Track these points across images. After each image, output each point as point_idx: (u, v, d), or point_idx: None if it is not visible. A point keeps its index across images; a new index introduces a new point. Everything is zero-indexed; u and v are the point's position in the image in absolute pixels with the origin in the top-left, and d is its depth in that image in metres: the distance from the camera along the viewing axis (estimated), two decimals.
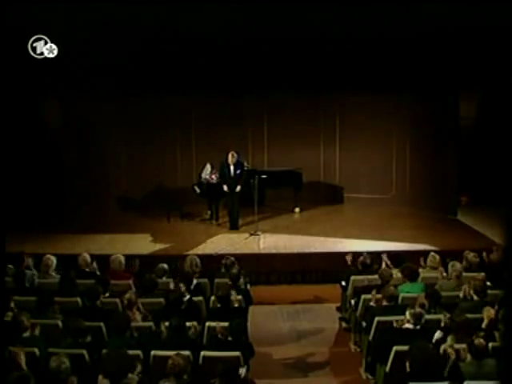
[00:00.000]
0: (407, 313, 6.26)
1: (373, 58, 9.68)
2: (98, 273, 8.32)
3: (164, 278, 7.89)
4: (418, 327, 6.19)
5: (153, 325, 6.54)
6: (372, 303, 7.18)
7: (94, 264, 8.39)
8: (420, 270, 7.98)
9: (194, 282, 7.59)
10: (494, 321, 6.15)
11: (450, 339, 5.85)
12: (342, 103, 13.55)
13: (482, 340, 5.50)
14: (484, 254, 8.52)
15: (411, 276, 7.54)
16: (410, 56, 9.66)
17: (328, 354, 7.88)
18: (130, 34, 9.29)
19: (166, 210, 12.37)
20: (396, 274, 7.87)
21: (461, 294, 7.11)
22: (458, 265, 7.68)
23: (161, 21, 9.20)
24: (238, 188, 11.58)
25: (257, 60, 9.71)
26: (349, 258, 8.68)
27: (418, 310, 6.26)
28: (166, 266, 8.08)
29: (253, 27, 9.30)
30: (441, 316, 6.41)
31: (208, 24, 9.24)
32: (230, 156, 11.53)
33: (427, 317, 6.42)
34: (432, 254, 8.29)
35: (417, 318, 6.20)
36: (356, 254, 8.72)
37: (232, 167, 11.57)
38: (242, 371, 5.47)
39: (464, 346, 5.62)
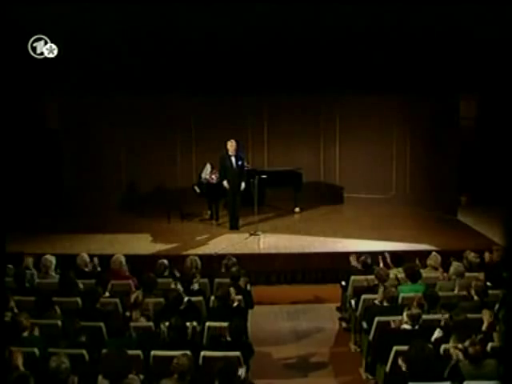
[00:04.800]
0: (404, 314, 6.26)
1: (373, 58, 9.67)
2: (98, 268, 8.34)
3: (165, 275, 7.94)
4: (417, 327, 6.19)
5: (153, 325, 6.54)
6: (377, 301, 7.14)
7: (96, 260, 8.39)
8: (421, 270, 7.97)
9: (194, 282, 7.60)
10: (493, 323, 6.14)
11: (451, 339, 5.84)
12: (341, 103, 13.55)
13: (477, 346, 5.46)
14: (484, 254, 8.52)
15: (413, 276, 7.54)
16: (411, 56, 9.66)
17: (328, 354, 7.87)
18: (130, 33, 9.29)
19: (166, 210, 12.36)
20: (396, 274, 7.87)
21: (456, 291, 7.11)
22: (459, 266, 7.67)
23: (161, 21, 9.20)
24: (243, 185, 11.49)
25: (257, 60, 9.71)
26: (352, 259, 8.67)
27: (414, 311, 6.25)
28: (165, 261, 8.11)
29: (252, 27, 9.30)
30: (440, 316, 6.42)
31: (208, 24, 9.25)
32: (228, 144, 11.35)
33: (426, 317, 6.42)
34: (434, 253, 8.28)
35: (414, 319, 6.19)
36: (358, 254, 8.72)
37: (233, 158, 11.40)
38: (242, 372, 5.46)
39: (464, 345, 5.61)
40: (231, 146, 11.36)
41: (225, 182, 11.51)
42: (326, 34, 9.38)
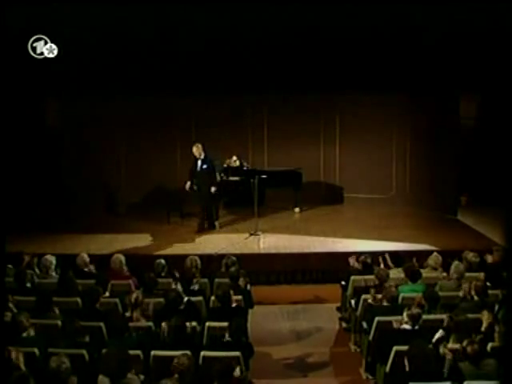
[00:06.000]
0: (404, 314, 6.26)
1: (373, 58, 9.68)
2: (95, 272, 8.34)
3: (163, 274, 7.95)
4: (417, 327, 6.19)
5: (153, 325, 6.54)
6: (370, 301, 7.17)
7: (92, 267, 8.39)
8: (421, 270, 7.97)
9: (194, 282, 7.60)
10: (493, 323, 6.14)
11: (450, 339, 5.84)
12: (341, 103, 13.56)
13: (475, 346, 5.46)
14: (484, 254, 8.52)
15: (413, 276, 7.54)
16: (411, 56, 9.66)
17: (328, 354, 7.87)
18: (129, 33, 9.30)
19: (165, 210, 12.36)
20: (395, 273, 7.87)
21: (461, 293, 7.11)
22: (459, 266, 7.67)
23: (161, 21, 9.21)
24: (213, 189, 11.44)
25: (257, 60, 9.71)
26: (351, 260, 8.66)
27: (414, 310, 6.24)
28: (163, 260, 8.12)
29: (252, 27, 9.30)
30: (440, 316, 6.41)
31: (208, 24, 9.25)
32: (194, 148, 11.35)
33: (426, 317, 6.42)
34: (435, 253, 8.28)
35: (414, 319, 6.19)
36: (358, 255, 8.72)
37: (199, 162, 11.38)
38: (237, 371, 5.44)
39: (462, 345, 5.61)
40: (196, 149, 11.37)
41: (187, 184, 11.42)
42: (326, 33, 9.38)
